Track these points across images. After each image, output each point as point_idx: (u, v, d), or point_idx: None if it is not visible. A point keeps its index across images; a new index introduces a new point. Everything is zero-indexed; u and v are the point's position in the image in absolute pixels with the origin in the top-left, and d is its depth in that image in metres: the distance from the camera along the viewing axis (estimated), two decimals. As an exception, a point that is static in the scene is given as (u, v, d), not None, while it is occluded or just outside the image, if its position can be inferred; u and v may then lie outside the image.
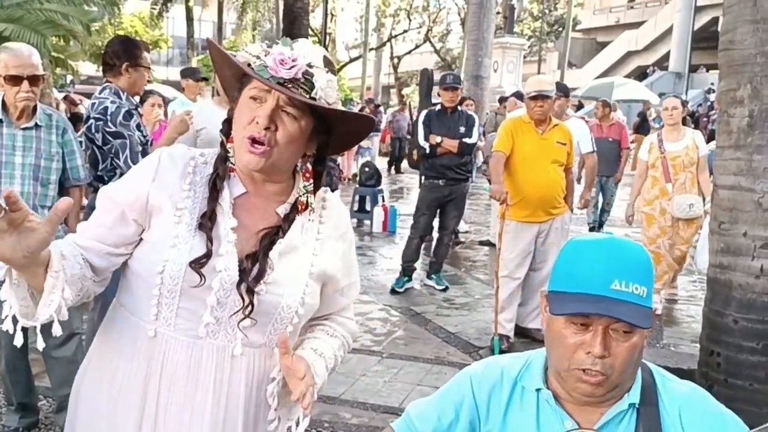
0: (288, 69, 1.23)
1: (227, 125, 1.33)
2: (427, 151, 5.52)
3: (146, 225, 1.30)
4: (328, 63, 1.31)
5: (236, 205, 1.31)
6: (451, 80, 5.60)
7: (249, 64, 1.26)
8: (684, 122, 6.21)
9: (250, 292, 1.27)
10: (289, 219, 1.34)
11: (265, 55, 1.25)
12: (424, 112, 5.91)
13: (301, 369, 1.26)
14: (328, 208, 1.42)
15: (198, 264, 1.25)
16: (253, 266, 1.28)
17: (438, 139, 5.46)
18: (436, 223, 5.93)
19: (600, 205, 8.25)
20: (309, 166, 1.37)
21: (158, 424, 1.29)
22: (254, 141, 1.25)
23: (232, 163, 1.32)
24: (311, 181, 1.37)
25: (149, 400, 1.29)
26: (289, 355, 1.27)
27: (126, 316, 1.33)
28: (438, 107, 5.78)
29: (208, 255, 1.25)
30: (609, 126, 8.19)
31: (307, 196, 1.36)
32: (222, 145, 1.33)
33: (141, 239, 1.31)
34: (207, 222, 1.27)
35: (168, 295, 1.26)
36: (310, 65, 1.26)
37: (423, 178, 5.78)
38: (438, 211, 5.74)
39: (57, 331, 1.18)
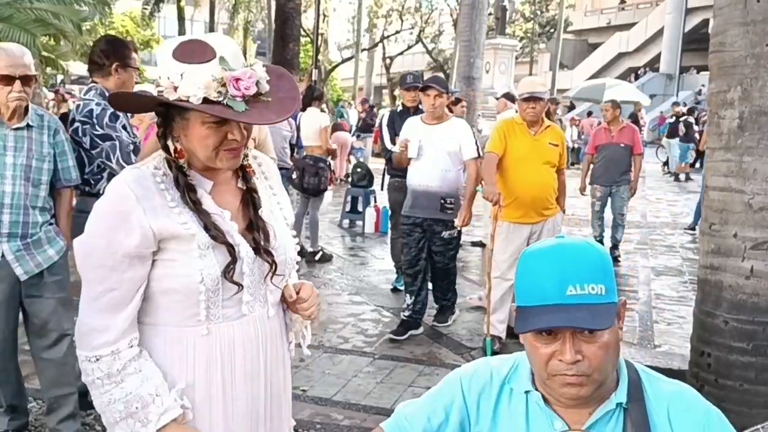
0: (251, 89, 1.32)
1: (164, 141, 1.42)
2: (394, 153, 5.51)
3: (156, 249, 1.38)
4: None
5: (213, 197, 1.45)
6: (411, 80, 5.56)
7: (206, 99, 1.30)
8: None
9: (269, 254, 1.46)
10: (251, 186, 1.50)
11: (224, 86, 1.30)
12: (387, 114, 5.92)
13: (307, 290, 1.58)
14: (261, 162, 1.60)
15: (231, 271, 1.39)
16: (258, 233, 1.46)
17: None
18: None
19: (602, 217, 7.39)
20: None
21: (227, 404, 1.45)
22: (232, 151, 1.40)
23: (187, 174, 1.41)
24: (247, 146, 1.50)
25: (214, 382, 1.44)
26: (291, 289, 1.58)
27: (169, 331, 1.42)
28: (400, 107, 5.78)
29: (234, 261, 1.40)
30: (620, 130, 7.28)
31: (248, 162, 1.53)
32: (171, 161, 1.40)
33: (155, 260, 1.38)
34: (217, 233, 1.39)
35: (213, 296, 1.40)
36: (251, 67, 1.35)
37: (388, 177, 5.76)
38: None
39: None
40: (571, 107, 21.35)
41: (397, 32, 32.71)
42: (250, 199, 1.49)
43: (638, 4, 36.82)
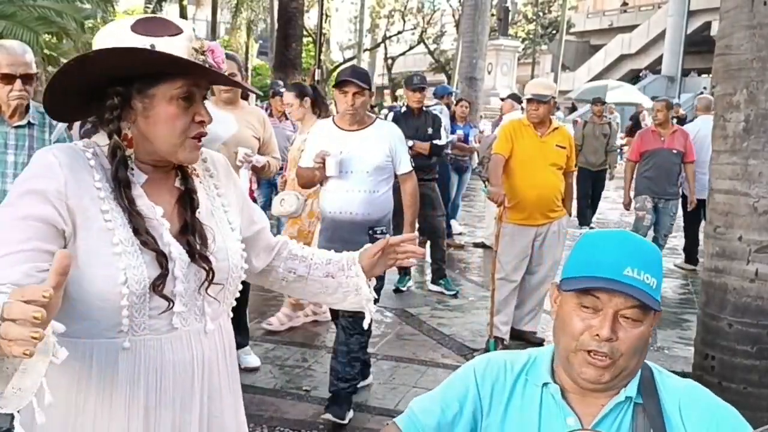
0: (221, 59, 1.27)
1: (116, 126, 1.24)
2: None
3: (71, 236, 1.17)
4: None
5: (145, 191, 1.29)
6: (418, 81, 5.58)
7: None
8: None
9: (205, 259, 1.29)
10: (189, 186, 1.34)
11: (203, 54, 1.24)
12: (390, 115, 5.89)
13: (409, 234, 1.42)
14: (208, 159, 1.44)
15: (161, 285, 1.22)
16: (194, 236, 1.29)
17: (410, 142, 5.45)
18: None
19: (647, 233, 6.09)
20: None
21: (150, 426, 1.26)
22: (199, 138, 1.27)
23: (131, 166, 1.26)
24: None
25: (134, 407, 1.24)
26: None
27: (85, 343, 1.20)
28: (404, 108, 5.75)
29: (165, 273, 1.23)
30: (671, 133, 6.12)
31: None
32: (120, 147, 1.24)
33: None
34: (147, 238, 1.22)
35: (138, 301, 1.21)
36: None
37: None
38: None
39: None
40: (573, 109, 21.35)
41: (399, 33, 32.71)
42: (188, 200, 1.32)
43: (640, 6, 36.81)
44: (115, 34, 1.22)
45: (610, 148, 9.02)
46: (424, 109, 5.68)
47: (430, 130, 5.52)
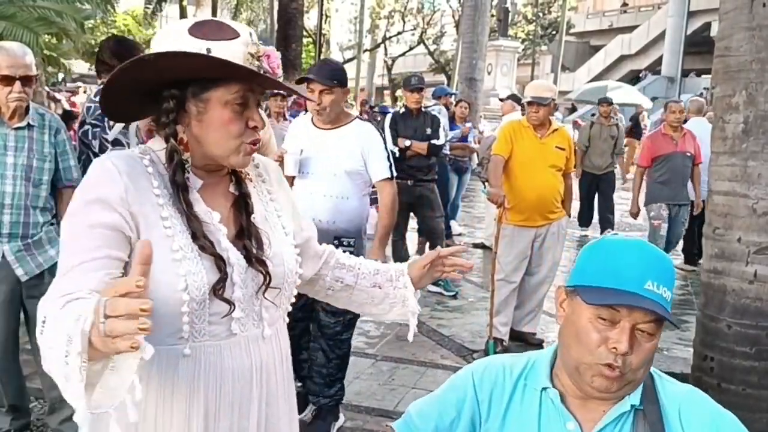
0: (277, 65, 1.24)
1: (172, 130, 1.25)
2: (397, 155, 5.50)
3: (135, 242, 1.17)
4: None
5: (202, 196, 1.30)
6: (416, 82, 5.57)
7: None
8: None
9: (262, 263, 1.29)
10: (243, 191, 1.34)
11: (258, 60, 1.22)
12: (389, 116, 5.90)
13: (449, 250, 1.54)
14: (259, 163, 1.43)
15: (221, 288, 1.22)
16: (250, 240, 1.29)
17: (407, 142, 5.47)
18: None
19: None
20: None
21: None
22: (254, 143, 1.27)
23: (188, 170, 1.26)
24: None
25: (194, 414, 1.23)
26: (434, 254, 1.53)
27: None
28: (403, 109, 5.77)
29: (224, 277, 1.23)
30: (683, 136, 5.86)
31: None
32: (177, 151, 1.24)
33: (128, 261, 1.17)
34: (205, 243, 1.22)
35: (198, 307, 1.21)
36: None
37: None
38: (410, 211, 5.70)
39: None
40: (573, 109, 21.35)
41: (399, 33, 32.72)
42: (243, 204, 1.32)
43: (640, 6, 36.80)
44: (172, 37, 1.21)
45: (618, 150, 8.68)
46: (422, 109, 5.68)
47: (428, 131, 5.53)
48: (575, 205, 6.98)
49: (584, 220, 8.78)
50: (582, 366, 1.17)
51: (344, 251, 1.63)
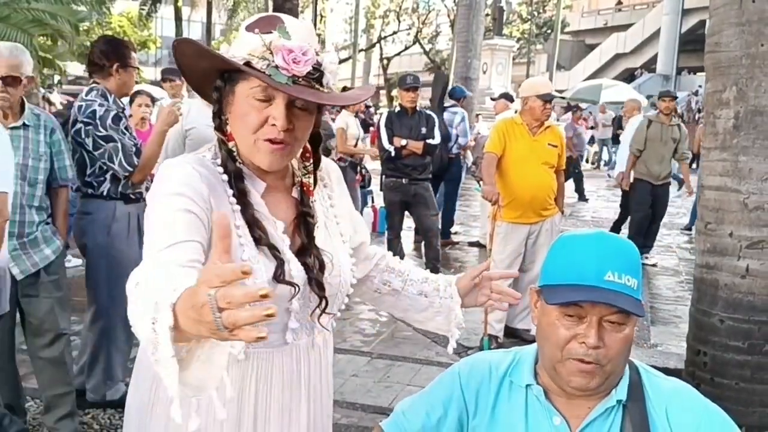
0: (302, 66, 1.17)
1: (218, 122, 1.26)
2: (392, 153, 5.52)
3: (208, 245, 1.13)
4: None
5: (265, 202, 1.28)
6: (411, 81, 5.59)
7: (248, 63, 1.17)
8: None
9: (321, 287, 1.28)
10: (305, 200, 1.33)
11: (271, 54, 1.16)
12: (384, 115, 5.93)
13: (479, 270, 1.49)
14: (322, 168, 1.41)
15: (281, 273, 1.20)
16: (311, 258, 1.28)
17: (403, 141, 5.48)
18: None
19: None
20: (307, 144, 1.34)
21: None
22: (273, 141, 1.21)
23: (239, 162, 1.26)
24: (311, 159, 1.36)
25: (244, 420, 1.25)
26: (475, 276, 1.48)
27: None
28: (398, 108, 5.79)
29: (282, 263, 1.22)
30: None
31: (310, 175, 1.36)
32: (224, 143, 1.25)
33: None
34: (261, 234, 1.21)
35: None
36: (317, 53, 1.20)
37: (384, 177, 5.75)
38: (406, 209, 5.72)
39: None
40: (568, 108, 21.39)
41: (395, 33, 32.75)
42: (303, 223, 1.30)
43: (635, 5, 36.87)
44: (239, 35, 1.23)
45: (680, 156, 6.88)
46: (417, 108, 5.69)
47: (423, 130, 5.54)
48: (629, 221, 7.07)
49: (641, 241, 6.61)
50: (558, 365, 1.18)
51: None
